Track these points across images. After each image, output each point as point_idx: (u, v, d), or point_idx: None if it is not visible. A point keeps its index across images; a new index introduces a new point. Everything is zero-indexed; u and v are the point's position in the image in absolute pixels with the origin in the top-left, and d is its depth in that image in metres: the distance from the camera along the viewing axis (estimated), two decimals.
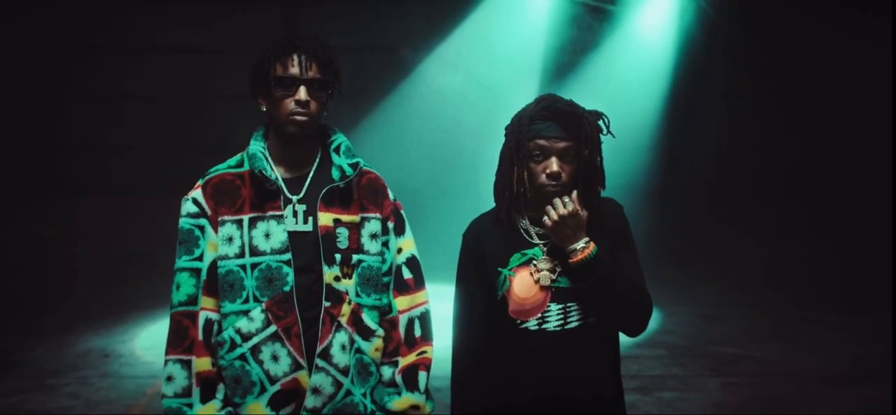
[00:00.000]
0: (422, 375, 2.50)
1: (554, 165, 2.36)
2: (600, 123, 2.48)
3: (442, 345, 2.59)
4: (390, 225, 2.53)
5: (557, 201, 2.36)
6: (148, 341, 7.88)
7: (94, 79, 14.75)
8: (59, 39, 14.56)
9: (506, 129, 2.50)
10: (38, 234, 12.82)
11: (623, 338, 2.65)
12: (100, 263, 11.63)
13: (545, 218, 2.37)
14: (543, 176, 2.37)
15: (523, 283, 2.42)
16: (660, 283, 9.95)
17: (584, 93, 11.27)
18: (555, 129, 2.39)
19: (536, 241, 2.46)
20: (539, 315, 2.41)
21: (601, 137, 2.49)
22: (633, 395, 6.10)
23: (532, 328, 2.41)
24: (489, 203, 2.59)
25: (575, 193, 2.38)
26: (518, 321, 2.42)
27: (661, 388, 6.30)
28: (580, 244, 2.36)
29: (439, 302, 2.84)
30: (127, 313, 8.93)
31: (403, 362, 2.50)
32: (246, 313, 2.35)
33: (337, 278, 2.39)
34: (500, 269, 2.45)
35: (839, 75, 12.23)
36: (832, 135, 12.47)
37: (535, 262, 2.44)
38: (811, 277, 10.60)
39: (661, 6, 12.23)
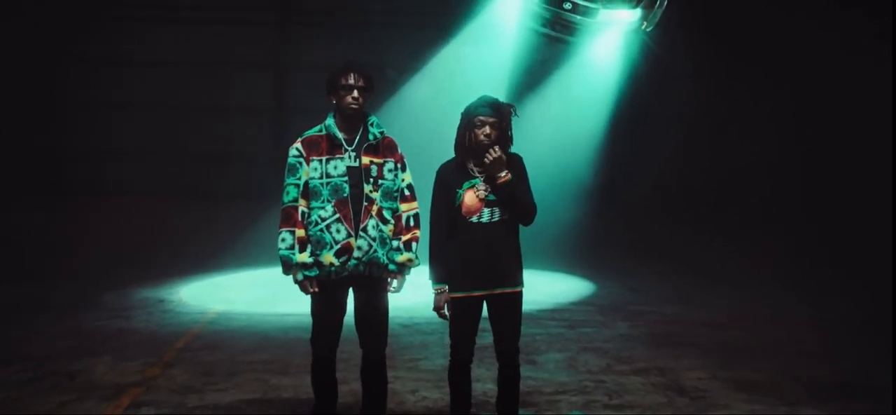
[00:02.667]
0: (413, 244, 4.66)
1: (487, 129, 4.51)
2: (512, 110, 4.63)
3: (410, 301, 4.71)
4: (399, 166, 4.70)
5: (491, 151, 4.50)
6: (191, 293, 9.98)
7: (100, 90, 16.68)
8: (71, 54, 16.58)
9: (462, 113, 4.64)
10: (67, 225, 14.77)
11: (562, 298, 4.77)
12: (128, 248, 13.53)
13: (485, 159, 4.51)
14: (481, 135, 4.51)
15: (470, 197, 4.57)
16: (600, 266, 12.17)
17: (542, 110, 13.64)
18: (488, 111, 4.55)
19: (476, 175, 4.60)
20: (477, 213, 4.56)
21: (512, 119, 4.64)
22: (561, 328, 8.30)
23: (474, 221, 4.56)
24: None
25: (498, 148, 4.51)
26: (467, 218, 4.57)
27: (583, 326, 8.49)
28: (503, 173, 4.51)
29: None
30: (164, 278, 10.96)
31: (404, 238, 4.66)
32: (323, 207, 4.50)
33: (371, 191, 4.55)
34: (457, 190, 4.59)
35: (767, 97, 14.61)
36: (748, 152, 14.81)
37: (476, 186, 4.58)
38: (730, 264, 12.80)
39: (611, 40, 14.42)
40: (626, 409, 5.72)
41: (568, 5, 12.99)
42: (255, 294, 10.09)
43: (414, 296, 7.27)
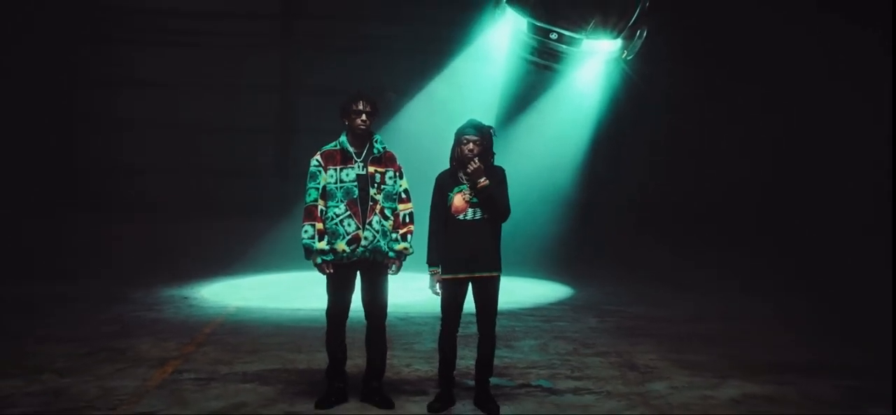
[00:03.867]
0: (409, 236, 5.86)
1: (471, 145, 5.72)
2: (491, 131, 5.84)
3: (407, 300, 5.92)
4: (397, 174, 5.90)
5: (471, 163, 5.69)
6: (211, 292, 11.17)
7: (116, 108, 17.77)
8: (88, 75, 17.73)
9: (455, 133, 5.84)
10: (88, 235, 15.91)
11: (542, 299, 6.14)
12: (148, 254, 14.69)
13: (468, 170, 5.70)
14: (466, 150, 5.71)
15: (458, 199, 5.77)
16: (579, 273, 13.33)
17: (531, 131, 14.92)
18: (473, 131, 5.77)
19: (464, 181, 5.79)
20: (463, 212, 5.75)
21: (493, 137, 5.85)
22: (538, 322, 9.49)
23: (460, 219, 5.76)
24: None
25: (477, 159, 5.70)
26: (455, 216, 5.76)
27: (557, 321, 9.68)
28: (482, 180, 5.70)
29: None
30: (185, 280, 12.10)
31: (401, 231, 5.86)
32: (337, 206, 5.70)
33: (375, 194, 5.75)
34: (449, 193, 5.79)
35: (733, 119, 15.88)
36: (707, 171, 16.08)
37: (463, 190, 5.77)
38: (699, 275, 13.97)
39: (593, 68, 15.60)
40: (584, 379, 6.90)
41: (554, 36, 13.97)
42: (269, 293, 11.28)
43: (411, 297, 8.49)
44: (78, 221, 16.53)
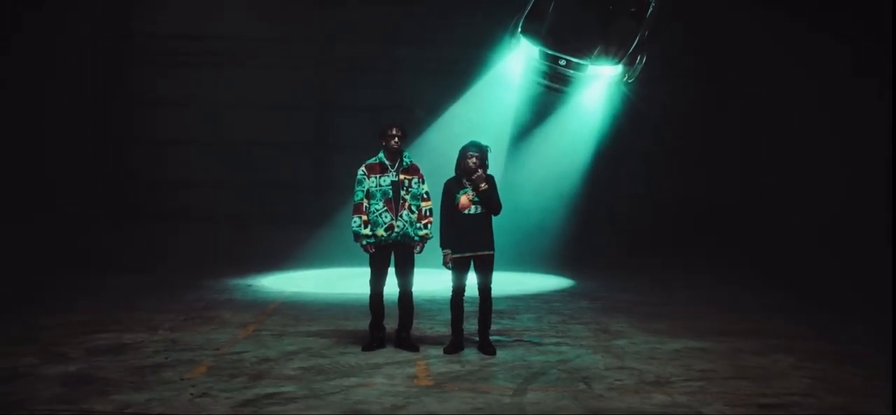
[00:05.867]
0: (429, 225, 8.05)
1: (475, 159, 7.88)
2: (488, 148, 8.00)
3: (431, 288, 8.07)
4: (421, 180, 8.09)
5: (476, 174, 7.84)
6: (269, 282, 13.42)
7: (171, 127, 19.70)
8: (144, 98, 19.71)
9: (459, 149, 8.00)
10: (150, 240, 18.12)
11: (545, 288, 8.62)
12: (206, 255, 16.88)
13: (474, 177, 7.85)
14: (469, 163, 7.87)
15: (465, 199, 7.93)
16: (581, 270, 15.38)
17: (543, 147, 17.28)
18: (474, 148, 7.94)
19: (467, 186, 7.92)
20: (468, 208, 7.91)
21: (488, 154, 8.01)
22: (538, 303, 11.60)
23: (465, 213, 7.92)
24: None
25: (481, 170, 7.85)
26: (461, 211, 7.91)
27: (555, 302, 11.79)
28: (483, 185, 7.86)
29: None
30: (245, 273, 14.30)
31: (423, 222, 8.05)
32: (377, 203, 7.90)
33: (404, 194, 7.94)
34: (456, 194, 7.94)
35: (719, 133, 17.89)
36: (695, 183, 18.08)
37: (467, 192, 7.92)
38: (687, 274, 15.97)
39: (597, 90, 17.61)
40: (565, 338, 9.01)
41: (563, 62, 15.90)
42: (318, 282, 13.55)
43: (435, 286, 10.62)
44: (133, 230, 18.56)
